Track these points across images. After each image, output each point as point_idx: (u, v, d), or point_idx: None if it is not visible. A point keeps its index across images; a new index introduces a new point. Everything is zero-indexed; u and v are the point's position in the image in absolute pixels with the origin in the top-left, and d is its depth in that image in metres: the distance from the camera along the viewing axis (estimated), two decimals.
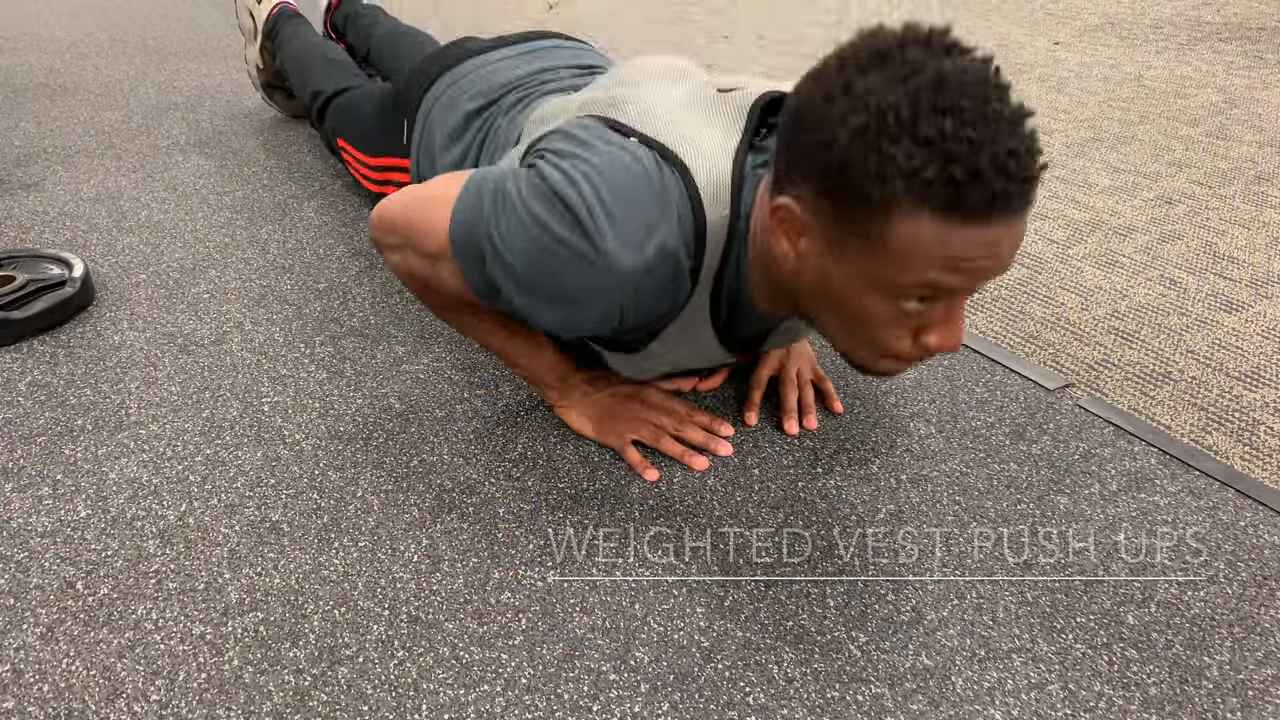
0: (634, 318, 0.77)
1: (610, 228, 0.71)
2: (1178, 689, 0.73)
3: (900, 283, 0.64)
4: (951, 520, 0.89)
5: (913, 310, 0.67)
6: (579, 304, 0.75)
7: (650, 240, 0.72)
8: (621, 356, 0.90)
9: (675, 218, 0.73)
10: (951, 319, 0.68)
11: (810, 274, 0.69)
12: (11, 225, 1.43)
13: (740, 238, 0.76)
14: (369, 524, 0.87)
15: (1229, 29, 2.92)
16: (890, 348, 0.70)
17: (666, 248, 0.73)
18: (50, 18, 2.77)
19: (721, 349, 0.87)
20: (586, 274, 0.72)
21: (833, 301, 0.69)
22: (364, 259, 1.35)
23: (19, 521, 0.86)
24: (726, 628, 0.77)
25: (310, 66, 1.59)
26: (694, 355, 0.89)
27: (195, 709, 0.69)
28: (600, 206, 0.71)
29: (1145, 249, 1.46)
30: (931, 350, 0.70)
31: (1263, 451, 1.00)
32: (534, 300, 0.77)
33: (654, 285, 0.74)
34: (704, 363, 0.92)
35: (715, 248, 0.76)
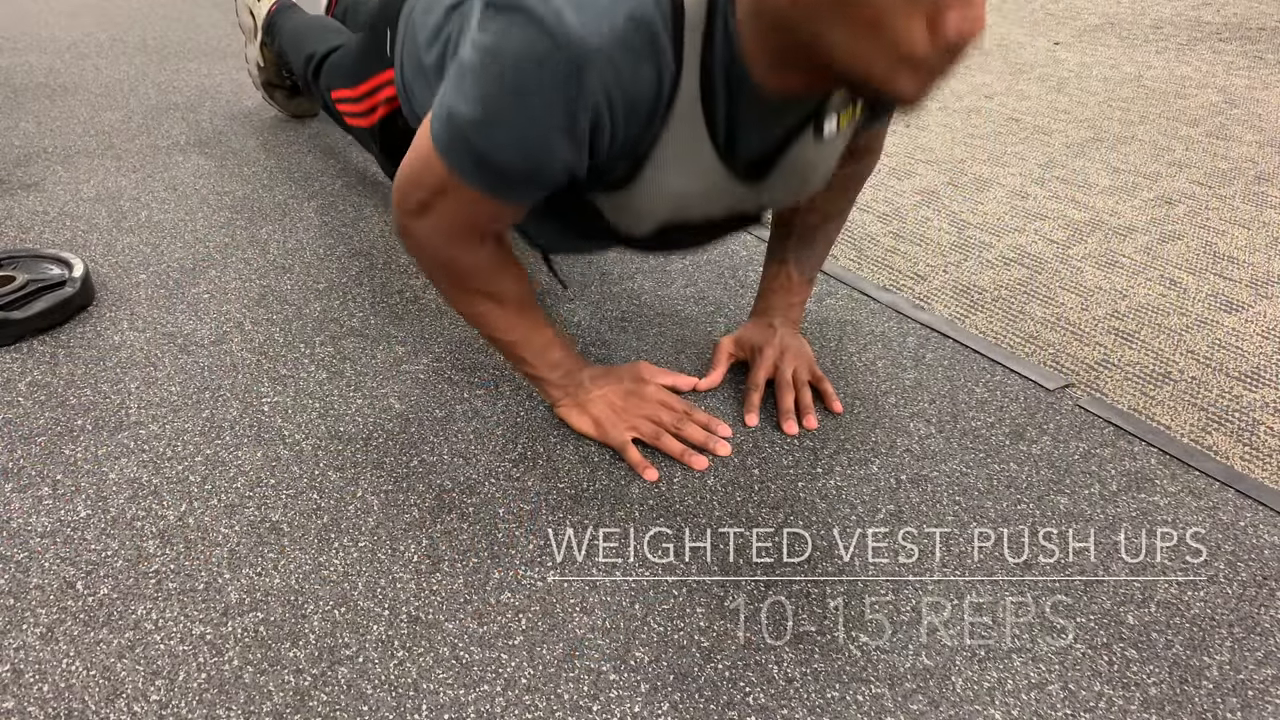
0: (623, 111, 0.71)
1: (568, 8, 0.65)
2: (1178, 689, 0.73)
3: None
4: (951, 520, 0.89)
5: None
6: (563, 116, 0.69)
7: (616, 10, 0.66)
8: (619, 198, 0.83)
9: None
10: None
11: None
12: (11, 225, 1.43)
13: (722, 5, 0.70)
14: (369, 524, 0.87)
15: (1229, 29, 2.92)
16: (906, 45, 0.61)
17: (636, 15, 0.67)
18: (50, 18, 2.77)
19: (725, 172, 0.81)
20: (555, 73, 0.66)
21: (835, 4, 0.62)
22: (364, 259, 1.35)
23: (19, 521, 0.86)
24: (726, 628, 0.77)
25: (306, 36, 1.58)
26: (694, 183, 0.82)
27: (195, 709, 0.69)
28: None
29: (1145, 249, 1.47)
30: (950, 34, 0.61)
31: (1263, 451, 1.00)
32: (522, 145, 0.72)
33: (631, 59, 0.68)
34: (710, 205, 0.85)
35: (696, 16, 0.70)
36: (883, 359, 1.15)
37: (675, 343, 1.17)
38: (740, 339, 1.11)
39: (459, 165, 0.76)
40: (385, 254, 1.37)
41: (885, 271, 1.38)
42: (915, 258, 1.43)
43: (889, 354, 1.16)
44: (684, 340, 1.18)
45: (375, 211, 1.51)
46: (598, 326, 1.21)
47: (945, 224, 1.55)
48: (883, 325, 1.22)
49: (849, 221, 1.53)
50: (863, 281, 1.33)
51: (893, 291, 1.32)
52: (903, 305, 1.27)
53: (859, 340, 1.19)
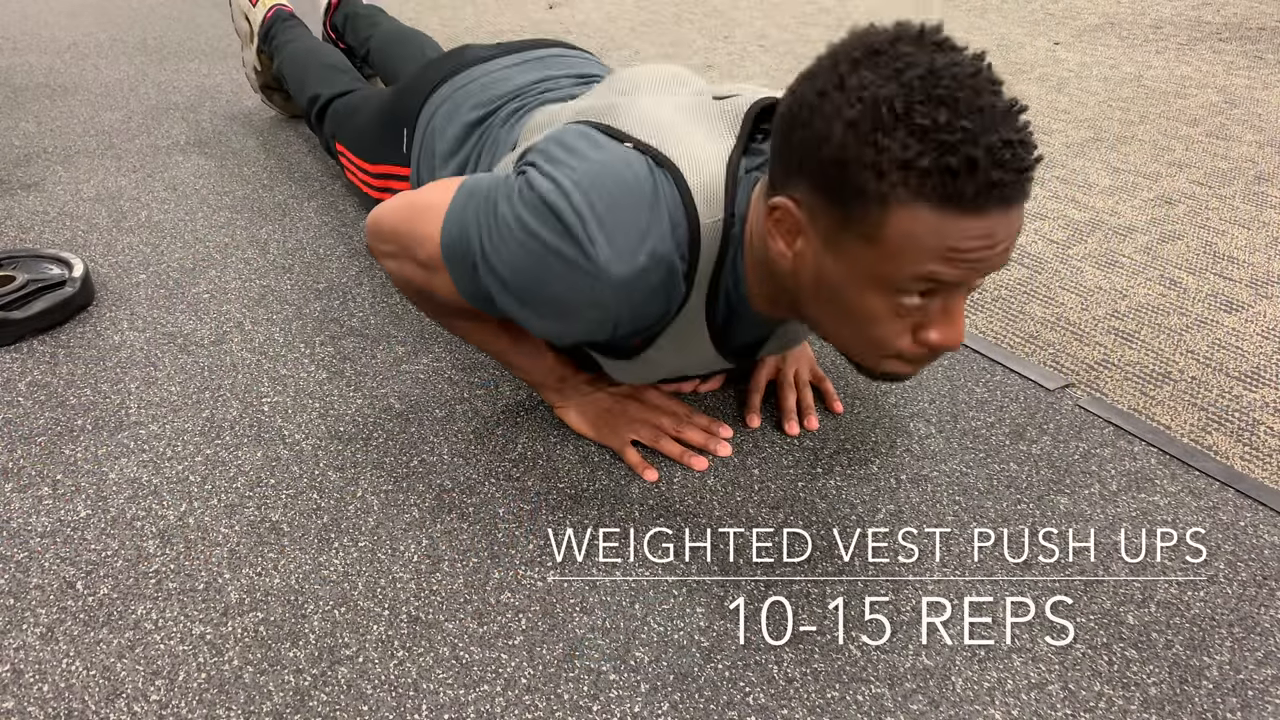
0: (628, 324, 0.77)
1: (602, 235, 0.71)
2: (1178, 689, 0.73)
3: (898, 277, 0.64)
4: (951, 520, 0.89)
5: (912, 306, 0.66)
6: (573, 312, 0.75)
7: (642, 247, 0.71)
8: (619, 363, 0.90)
9: (668, 222, 0.73)
10: (951, 315, 0.67)
11: (808, 273, 0.69)
12: (11, 225, 1.43)
13: (735, 241, 0.76)
14: (369, 524, 0.87)
15: (1229, 29, 2.92)
16: (891, 345, 0.70)
17: (658, 253, 0.72)
18: (50, 18, 2.77)
19: (718, 356, 0.87)
20: (579, 282, 0.72)
21: (831, 300, 0.69)
22: (364, 259, 1.35)
23: (19, 521, 0.86)
24: (726, 628, 0.77)
25: (308, 71, 1.59)
26: (691, 362, 0.89)
27: (195, 709, 0.69)
28: (591, 214, 0.71)
29: (1145, 249, 1.46)
30: (932, 346, 0.69)
31: (1263, 451, 1.00)
32: (527, 309, 0.77)
33: (647, 291, 0.74)
34: (701, 369, 0.92)
35: (710, 251, 0.76)
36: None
37: None
38: None
39: (457, 276, 0.80)
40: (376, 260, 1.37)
41: None
42: None
43: None
44: None
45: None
46: None
47: None
48: None
49: None
50: None
51: None
52: None
53: None
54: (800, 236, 0.68)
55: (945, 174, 0.59)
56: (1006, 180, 0.59)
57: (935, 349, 0.69)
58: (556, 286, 0.73)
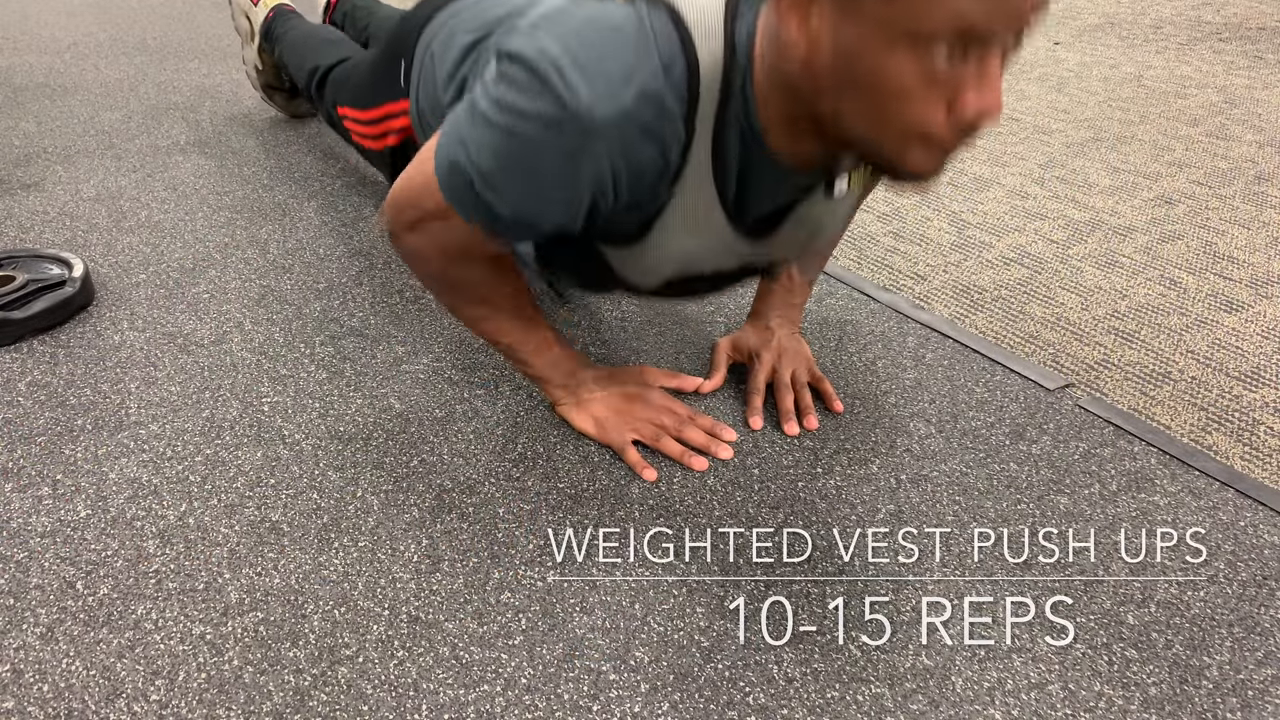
0: (627, 180, 0.72)
1: (581, 80, 0.66)
2: (1178, 689, 0.73)
3: (924, 26, 0.58)
4: (951, 520, 0.89)
5: (942, 72, 0.59)
6: (567, 179, 0.71)
7: (627, 86, 0.67)
8: (627, 254, 0.84)
9: (658, 59, 0.68)
10: (987, 77, 0.60)
11: (825, 54, 0.63)
12: (11, 225, 1.43)
13: (741, 70, 0.71)
14: (369, 524, 0.87)
15: (1229, 29, 2.92)
16: (922, 121, 0.62)
17: (647, 90, 0.67)
18: (50, 18, 2.77)
19: (733, 233, 0.82)
20: (563, 139, 0.68)
21: (853, 80, 0.62)
22: (364, 259, 1.36)
23: (19, 521, 0.86)
24: (726, 628, 0.77)
25: (308, 47, 1.58)
26: (704, 243, 0.83)
27: (195, 709, 0.69)
28: (570, 61, 0.66)
29: (1145, 249, 1.46)
30: (968, 115, 0.61)
31: (1263, 451, 1.00)
32: (525, 200, 0.73)
33: (639, 133, 0.69)
34: (717, 261, 0.86)
35: (711, 87, 0.70)
36: (883, 359, 1.15)
37: (675, 343, 1.17)
38: (737, 341, 1.11)
39: (458, 202, 0.77)
40: (385, 254, 1.37)
41: (885, 271, 1.38)
42: (915, 258, 1.43)
43: (889, 354, 1.16)
44: (683, 340, 1.18)
45: (375, 211, 1.51)
46: (597, 327, 1.21)
47: (945, 224, 1.55)
48: (883, 325, 1.22)
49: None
50: (863, 281, 1.33)
51: (893, 291, 1.32)
52: (903, 305, 1.27)
53: (859, 340, 1.19)
54: (812, 11, 0.63)
55: None
56: None
57: (972, 118, 0.61)
58: (543, 154, 0.69)
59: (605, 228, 0.81)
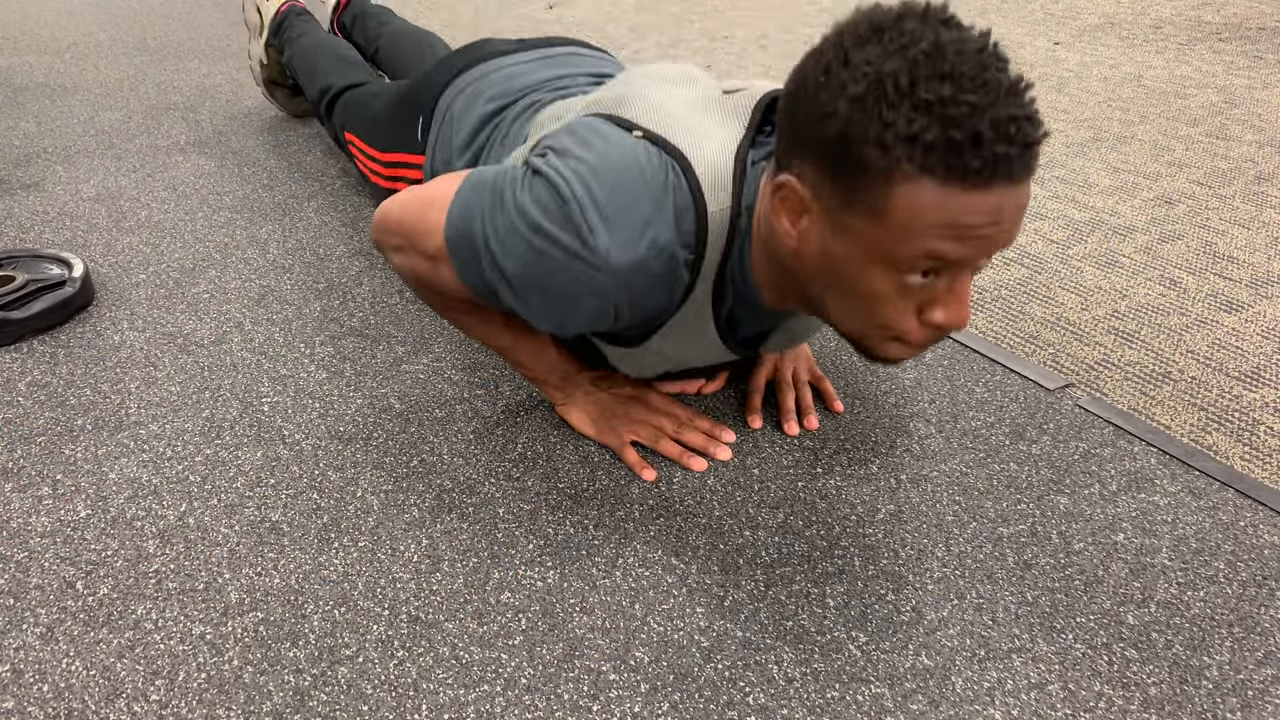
0: (629, 315, 0.78)
1: (602, 224, 0.71)
2: (1178, 689, 0.73)
3: (902, 254, 0.63)
4: (951, 520, 0.89)
5: (916, 285, 0.66)
6: (573, 302, 0.75)
7: (644, 237, 0.72)
8: (623, 352, 0.90)
9: (672, 212, 0.73)
10: (956, 294, 0.67)
11: (813, 253, 0.69)
12: (11, 225, 1.43)
13: (743, 230, 0.76)
14: (369, 524, 0.87)
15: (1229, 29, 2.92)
16: (896, 326, 0.69)
17: (660, 243, 0.73)
18: (50, 18, 2.77)
19: (723, 346, 0.87)
20: (580, 272, 0.73)
21: (836, 280, 0.69)
22: (364, 259, 1.35)
23: (19, 521, 0.86)
24: (726, 628, 0.77)
25: (320, 62, 1.58)
26: (695, 352, 0.89)
27: (195, 709, 0.69)
28: (593, 204, 0.71)
29: (1145, 249, 1.46)
30: (937, 326, 0.68)
31: (1263, 451, 1.00)
32: (529, 300, 0.77)
33: (648, 282, 0.74)
34: (705, 360, 0.92)
35: (717, 240, 0.76)
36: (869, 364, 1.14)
37: None
38: None
39: (460, 267, 0.81)
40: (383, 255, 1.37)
41: None
42: None
43: None
44: None
45: (374, 212, 1.51)
46: None
47: None
48: None
49: None
50: None
51: None
52: None
53: None
54: (805, 215, 0.68)
55: (950, 148, 0.58)
56: (1012, 154, 0.59)
57: (940, 329, 0.69)
58: (557, 276, 0.74)
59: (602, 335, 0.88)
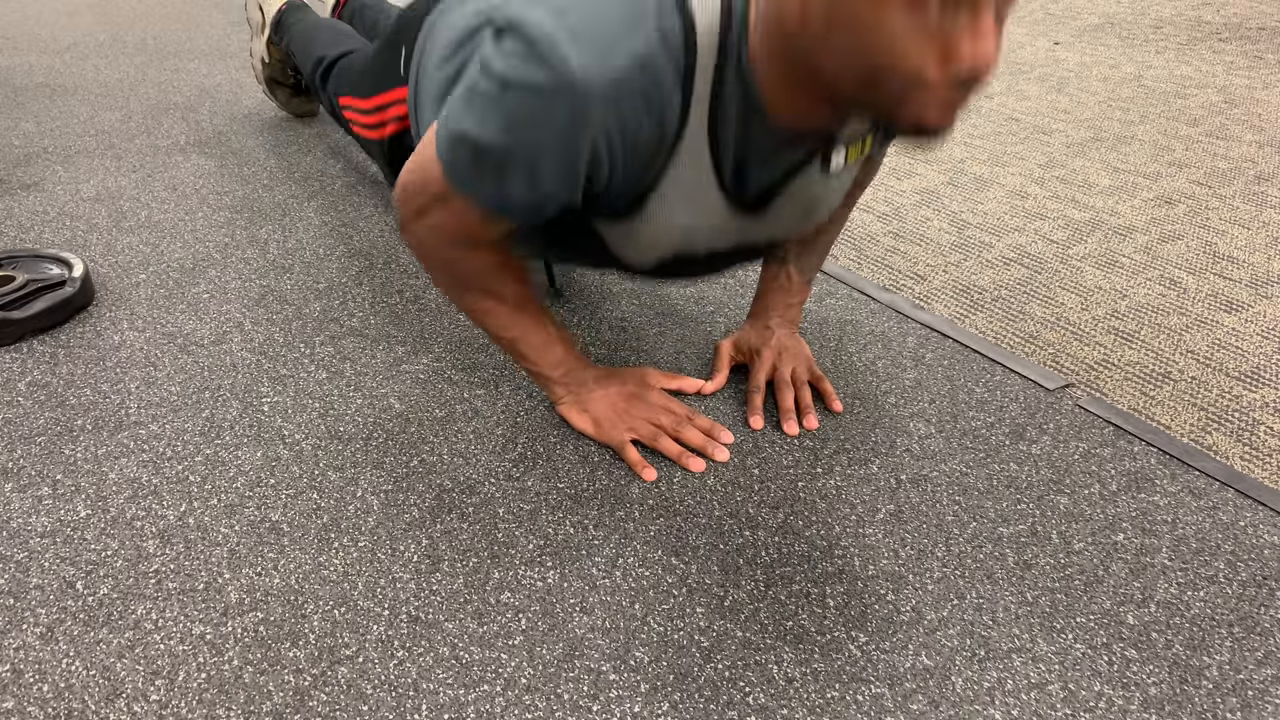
0: (622, 150, 0.72)
1: (575, 50, 0.66)
2: (1178, 689, 0.73)
3: None
4: (951, 520, 0.89)
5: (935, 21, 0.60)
6: (565, 151, 0.71)
7: (620, 50, 0.66)
8: (624, 230, 0.84)
9: (652, 24, 0.68)
10: (979, 27, 0.60)
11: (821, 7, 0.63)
12: (11, 225, 1.43)
13: (736, 31, 0.71)
14: (369, 524, 0.87)
15: (1229, 29, 2.92)
16: (917, 70, 0.62)
17: (639, 54, 0.67)
18: (50, 18, 2.77)
19: (727, 204, 0.82)
20: (558, 108, 0.68)
21: (847, 32, 0.62)
22: (364, 259, 1.36)
23: (19, 521, 0.86)
24: (726, 628, 0.77)
25: (316, 38, 1.58)
26: (698, 217, 0.82)
27: (195, 709, 0.69)
28: (558, 27, 0.66)
29: (1145, 249, 1.47)
30: (962, 66, 0.61)
31: (1263, 451, 1.00)
32: (524, 173, 0.73)
33: (633, 99, 0.69)
34: (711, 235, 0.86)
35: (708, 51, 0.70)
36: (883, 359, 1.15)
37: (675, 343, 1.17)
38: (738, 341, 1.11)
39: (459, 181, 0.77)
40: (385, 254, 1.37)
41: (885, 271, 1.38)
42: (915, 258, 1.43)
43: (889, 354, 1.16)
44: (684, 340, 1.18)
45: (375, 211, 1.51)
46: (597, 327, 1.21)
47: (945, 224, 1.55)
48: (883, 325, 1.22)
49: (849, 221, 1.53)
50: (863, 281, 1.33)
51: (893, 291, 1.32)
52: (903, 305, 1.27)
53: (859, 340, 1.19)
54: None
55: None
56: None
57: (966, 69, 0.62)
58: (538, 126, 0.69)
59: (602, 202, 0.81)
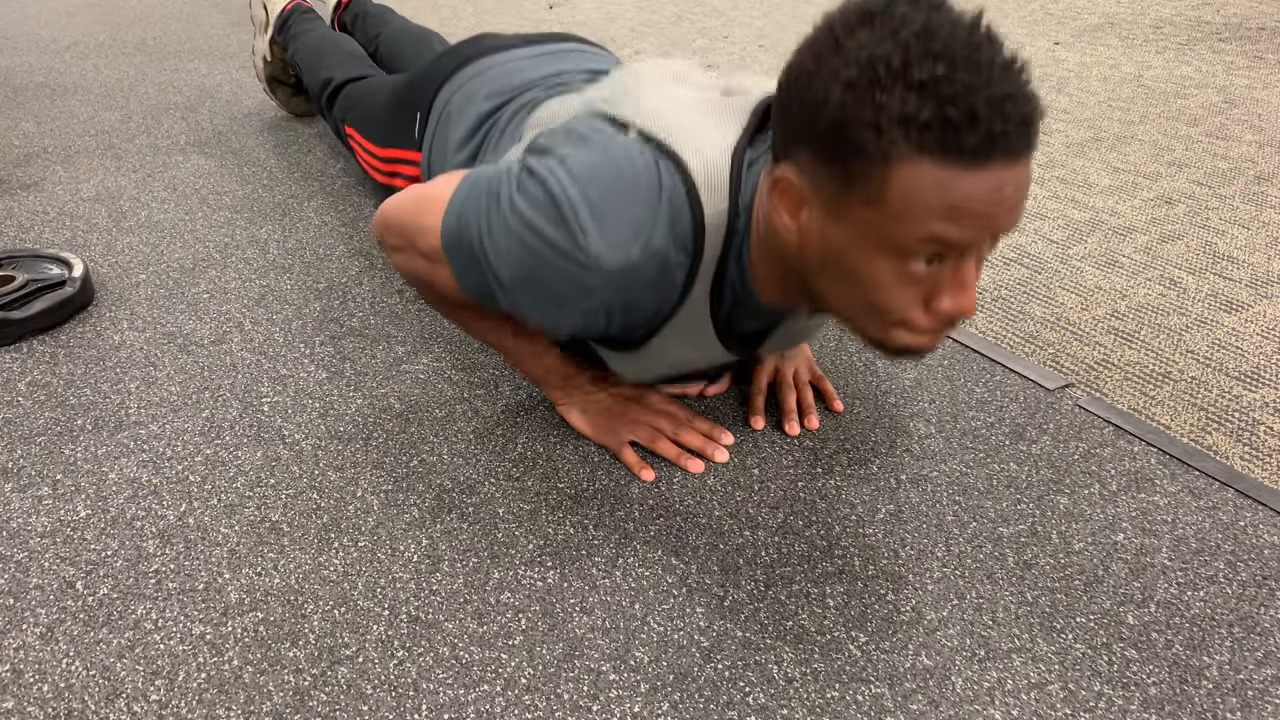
0: (621, 319, 0.78)
1: (595, 225, 0.71)
2: (1178, 689, 0.73)
3: (904, 238, 0.62)
4: (951, 520, 0.89)
5: (921, 273, 0.65)
6: (565, 303, 0.75)
7: (636, 240, 0.72)
8: (622, 355, 0.90)
9: (667, 216, 0.72)
10: (962, 281, 0.65)
11: (814, 246, 0.68)
12: (11, 225, 1.43)
13: (741, 230, 0.76)
14: (369, 524, 0.87)
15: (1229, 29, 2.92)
16: (902, 314, 0.68)
17: (653, 247, 0.72)
18: (50, 18, 2.77)
19: (722, 347, 0.87)
20: (571, 274, 0.72)
21: (839, 272, 0.68)
22: (364, 259, 1.35)
23: (19, 521, 0.86)
24: (726, 628, 0.77)
25: (323, 55, 1.59)
26: (694, 354, 0.89)
27: (195, 709, 0.69)
28: (586, 206, 0.71)
29: (1145, 249, 1.46)
30: (944, 315, 0.67)
31: (1263, 451, 1.00)
32: (521, 300, 0.77)
33: (640, 286, 0.74)
34: (705, 362, 0.92)
35: (714, 243, 0.76)
36: (883, 359, 1.15)
37: None
38: None
39: (457, 265, 0.81)
40: (385, 254, 1.37)
41: None
42: None
43: None
44: None
45: (375, 211, 1.51)
46: None
47: None
48: None
49: None
50: None
51: None
52: None
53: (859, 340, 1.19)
54: (804, 208, 0.67)
55: (945, 126, 0.58)
56: (1009, 130, 0.58)
57: (947, 318, 0.67)
58: (549, 276, 0.74)
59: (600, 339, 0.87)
